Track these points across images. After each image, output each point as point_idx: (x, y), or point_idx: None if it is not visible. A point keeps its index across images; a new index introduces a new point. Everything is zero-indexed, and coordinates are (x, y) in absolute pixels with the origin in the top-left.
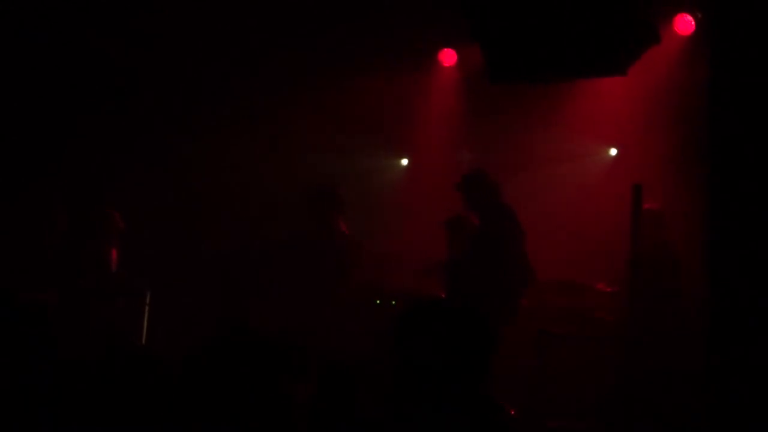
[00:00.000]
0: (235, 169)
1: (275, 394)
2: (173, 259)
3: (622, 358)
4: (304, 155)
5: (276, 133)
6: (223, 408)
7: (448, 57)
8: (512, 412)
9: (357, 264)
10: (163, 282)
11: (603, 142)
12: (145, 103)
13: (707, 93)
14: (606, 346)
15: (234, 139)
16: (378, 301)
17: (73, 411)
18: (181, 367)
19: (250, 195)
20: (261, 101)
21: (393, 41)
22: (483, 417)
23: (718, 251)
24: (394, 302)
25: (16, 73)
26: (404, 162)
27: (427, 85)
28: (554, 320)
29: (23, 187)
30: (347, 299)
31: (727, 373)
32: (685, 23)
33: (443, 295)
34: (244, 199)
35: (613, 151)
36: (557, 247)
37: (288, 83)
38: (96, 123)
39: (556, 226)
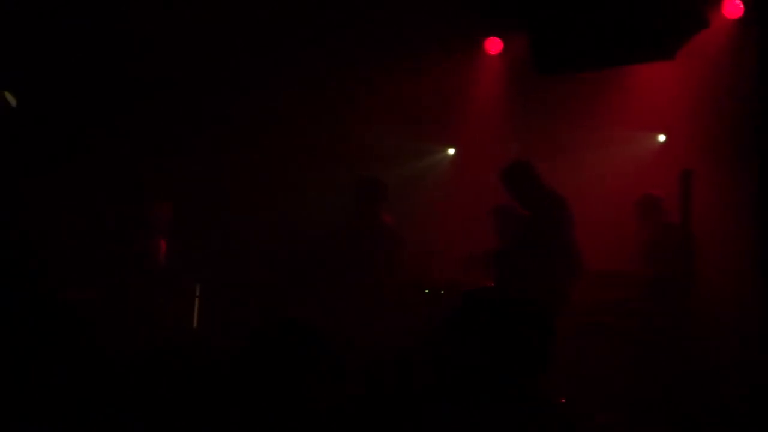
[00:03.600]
0: (283, 159)
1: (321, 388)
2: (222, 252)
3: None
4: (349, 146)
5: (322, 125)
6: (269, 401)
7: (493, 45)
8: (563, 401)
9: (401, 254)
10: (212, 275)
11: (651, 128)
12: (190, 96)
13: (756, 78)
14: (647, 336)
15: (282, 131)
16: (427, 291)
17: (122, 405)
18: (231, 361)
19: (295, 186)
20: (308, 92)
21: (438, 29)
22: (536, 410)
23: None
24: (442, 291)
25: (58, 68)
26: (451, 151)
27: (472, 74)
28: (598, 311)
29: (68, 183)
30: (394, 289)
31: None
32: (733, 7)
33: (491, 285)
34: (291, 190)
35: (662, 138)
36: (605, 236)
37: (333, 73)
38: (142, 115)
39: (603, 215)
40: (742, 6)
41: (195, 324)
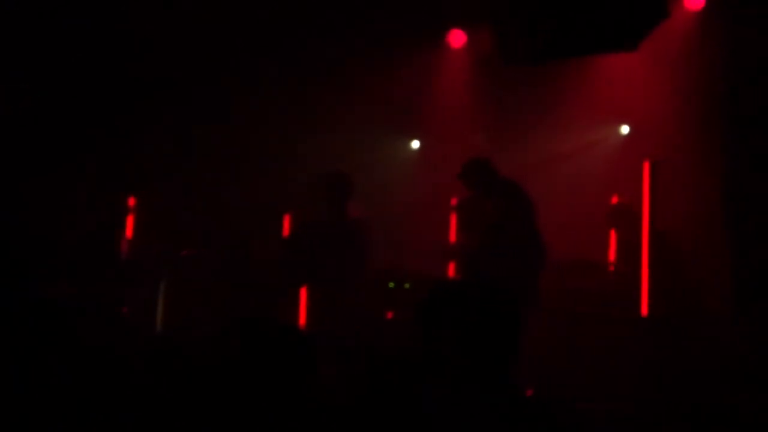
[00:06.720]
0: (248, 154)
1: (291, 383)
2: (189, 248)
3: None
4: (313, 139)
5: (285, 118)
6: (238, 398)
7: (456, 38)
8: (529, 393)
9: (369, 248)
10: (179, 271)
11: (614, 120)
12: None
13: (720, 67)
14: (623, 325)
15: (246, 126)
16: (392, 285)
17: (89, 402)
18: (197, 357)
19: (260, 181)
20: (273, 86)
21: (399, 23)
22: (507, 402)
23: (737, 229)
24: (407, 285)
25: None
26: (415, 144)
27: (435, 67)
28: (572, 300)
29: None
30: (362, 284)
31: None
32: None
33: (457, 278)
34: (257, 184)
35: (625, 129)
36: (571, 226)
37: (301, 66)
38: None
39: (568, 205)
40: None
41: (160, 320)
